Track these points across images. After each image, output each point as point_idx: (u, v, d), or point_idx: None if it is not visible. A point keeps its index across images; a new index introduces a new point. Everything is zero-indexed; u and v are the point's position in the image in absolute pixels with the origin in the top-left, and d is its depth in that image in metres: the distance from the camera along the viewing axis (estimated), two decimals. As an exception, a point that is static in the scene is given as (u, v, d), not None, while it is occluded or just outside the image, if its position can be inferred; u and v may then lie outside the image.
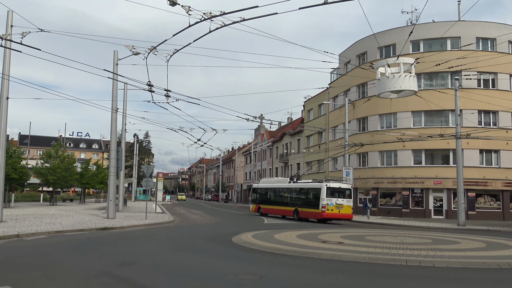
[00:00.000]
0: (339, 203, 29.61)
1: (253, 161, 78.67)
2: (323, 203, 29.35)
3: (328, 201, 29.33)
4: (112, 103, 24.88)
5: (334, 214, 29.47)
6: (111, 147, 25.01)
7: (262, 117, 25.65)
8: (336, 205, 29.55)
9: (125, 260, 10.64)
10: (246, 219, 31.25)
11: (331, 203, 29.37)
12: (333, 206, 29.42)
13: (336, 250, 12.53)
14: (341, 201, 29.69)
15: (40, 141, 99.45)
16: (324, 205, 29.31)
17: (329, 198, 29.45)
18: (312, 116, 54.83)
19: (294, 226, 24.86)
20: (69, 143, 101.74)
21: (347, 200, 29.90)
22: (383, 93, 17.13)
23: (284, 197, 34.33)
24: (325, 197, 29.37)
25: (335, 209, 29.43)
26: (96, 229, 18.72)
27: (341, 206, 29.60)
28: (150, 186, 27.15)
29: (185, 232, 19.18)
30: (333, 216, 29.55)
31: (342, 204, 29.65)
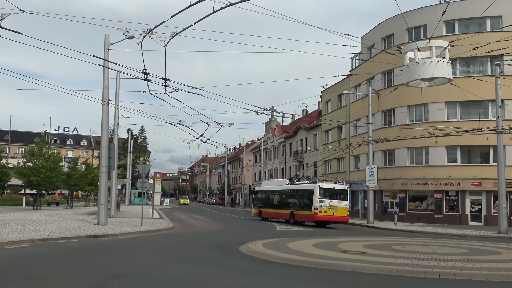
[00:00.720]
0: (333, 205, 31.61)
1: (263, 160, 78.70)
2: (315, 205, 31.37)
3: (321, 203, 31.34)
4: (103, 93, 25.00)
5: (327, 216, 31.43)
6: (102, 144, 25.15)
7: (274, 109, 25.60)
8: (330, 207, 31.56)
9: (118, 272, 10.69)
10: (255, 226, 31.28)
11: (324, 204, 31.38)
12: (326, 208, 31.42)
13: (359, 261, 12.49)
14: (336, 202, 31.65)
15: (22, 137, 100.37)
16: (317, 207, 31.30)
17: (322, 200, 31.43)
18: (331, 108, 54.67)
19: (310, 233, 24.84)
20: (55, 140, 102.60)
21: (342, 202, 31.83)
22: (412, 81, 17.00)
23: (282, 200, 36.69)
24: (318, 198, 31.39)
25: (329, 211, 31.40)
26: (85, 237, 18.85)
27: (336, 208, 31.60)
28: (146, 188, 27.24)
29: (186, 240, 19.24)
30: (327, 218, 31.49)
31: (337, 206, 31.64)
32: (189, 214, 45.84)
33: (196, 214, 47.60)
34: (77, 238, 18.46)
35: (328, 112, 54.91)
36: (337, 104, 52.79)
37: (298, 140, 64.46)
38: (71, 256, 13.29)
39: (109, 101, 25.34)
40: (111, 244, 16.74)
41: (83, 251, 14.50)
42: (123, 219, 30.32)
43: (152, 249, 15.35)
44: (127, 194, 65.64)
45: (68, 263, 11.87)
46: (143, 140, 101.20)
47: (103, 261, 12.35)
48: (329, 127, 52.21)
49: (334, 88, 53.25)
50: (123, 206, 55.42)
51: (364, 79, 45.64)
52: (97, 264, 11.85)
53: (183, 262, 12.71)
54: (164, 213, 44.37)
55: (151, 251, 14.91)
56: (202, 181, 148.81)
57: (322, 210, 31.43)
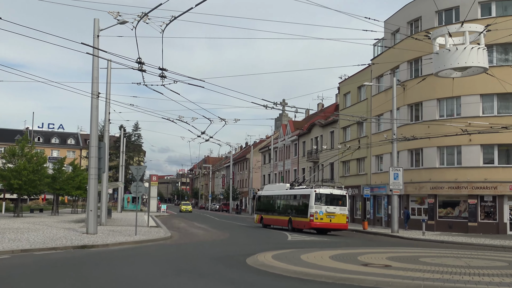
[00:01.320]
0: (330, 211, 33.47)
1: (273, 160, 78.69)
2: (311, 211, 33.28)
3: (317, 209, 33.24)
4: (92, 86, 25.09)
5: (324, 223, 33.39)
6: (91, 143, 25.26)
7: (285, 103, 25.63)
8: (327, 213, 33.40)
9: (110, 287, 10.74)
10: (263, 235, 31.32)
11: (321, 211, 33.29)
12: (323, 214, 33.28)
13: (382, 275, 12.47)
14: (333, 209, 33.57)
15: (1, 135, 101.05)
16: (313, 213, 33.21)
17: (318, 206, 33.36)
18: (350, 101, 54.57)
19: (327, 244, 24.83)
20: (38, 138, 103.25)
21: (340, 208, 33.72)
22: (442, 71, 16.93)
23: (281, 206, 38.90)
24: (314, 204, 33.30)
25: (326, 218, 33.33)
26: (72, 247, 18.94)
27: (333, 214, 33.49)
28: (141, 193, 27.32)
29: (186, 251, 19.29)
30: (323, 226, 33.46)
31: (334, 212, 33.54)
32: (189, 222, 45.96)
33: (197, 221, 47.72)
34: (63, 248, 18.56)
35: (347, 106, 54.79)
36: (356, 97, 52.68)
37: (312, 138, 64.43)
38: (56, 269, 13.36)
39: (99, 94, 25.44)
40: (102, 256, 16.81)
41: (70, 263, 14.57)
42: (115, 228, 30.44)
43: (148, 261, 15.40)
44: (120, 199, 65.95)
45: (53, 277, 11.94)
46: (137, 139, 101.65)
47: (93, 275, 12.41)
48: (348, 123, 52.13)
49: (353, 79, 53.14)
50: (115, 212, 55.64)
51: (388, 68, 45.49)
52: (86, 278, 11.91)
53: (183, 275, 12.75)
54: (161, 220, 44.51)
55: (146, 263, 14.96)
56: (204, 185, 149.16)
57: (318, 217, 33.18)
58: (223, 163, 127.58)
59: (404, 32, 43.17)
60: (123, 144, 66.17)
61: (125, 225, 33.35)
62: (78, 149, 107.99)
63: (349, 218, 35.65)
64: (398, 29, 43.82)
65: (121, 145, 66.50)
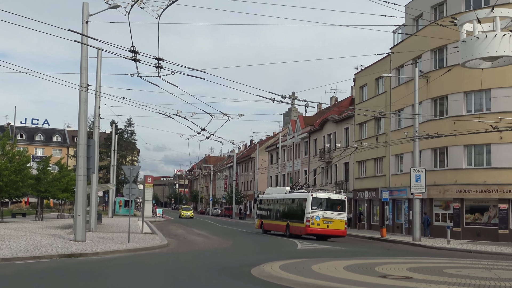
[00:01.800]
0: (327, 217, 35.33)
1: (281, 160, 78.73)
2: (307, 216, 35.13)
3: (313, 214, 35.09)
4: (81, 77, 25.14)
5: (320, 229, 35.24)
6: (79, 140, 25.31)
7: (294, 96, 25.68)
8: (324, 218, 35.25)
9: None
10: (271, 243, 31.35)
11: (317, 216, 35.10)
12: (319, 220, 35.12)
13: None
14: (330, 214, 35.44)
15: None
16: (309, 219, 35.06)
17: (315, 211, 35.21)
18: (367, 95, 54.45)
19: (341, 253, 24.82)
20: (21, 135, 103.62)
21: (338, 214, 35.56)
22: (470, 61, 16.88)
23: (280, 210, 40.87)
24: (310, 209, 35.18)
25: (323, 224, 35.14)
26: (58, 256, 19.00)
27: (331, 220, 35.36)
28: (135, 196, 27.36)
29: (185, 261, 19.31)
30: (319, 232, 35.36)
31: (332, 218, 35.39)
32: (188, 228, 46.03)
33: (196, 228, 47.79)
34: (48, 257, 18.61)
35: (363, 100, 54.65)
36: (374, 90, 52.55)
37: (325, 135, 64.37)
38: (41, 281, 13.40)
39: (88, 87, 25.48)
40: (91, 266, 16.86)
41: (57, 274, 14.61)
42: (105, 234, 30.51)
43: (142, 272, 15.44)
44: (111, 203, 66.15)
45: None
46: (130, 136, 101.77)
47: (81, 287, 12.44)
48: (365, 119, 52.02)
49: (370, 70, 53.01)
50: (106, 217, 55.78)
51: (409, 58, 45.35)
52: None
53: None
54: (156, 226, 44.59)
55: (141, 274, 15.00)
56: (204, 187, 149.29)
57: (315, 223, 35.00)
58: (226, 163, 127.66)
59: (427, 18, 43.05)
60: (115, 142, 66.29)
61: (117, 232, 33.41)
62: (65, 147, 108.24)
63: (347, 224, 37.43)
64: (420, 14, 43.68)
65: (112, 142, 66.60)
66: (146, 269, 16.17)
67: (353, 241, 37.07)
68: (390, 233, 44.56)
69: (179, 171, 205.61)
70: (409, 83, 44.00)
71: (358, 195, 54.14)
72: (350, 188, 55.69)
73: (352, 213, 54.66)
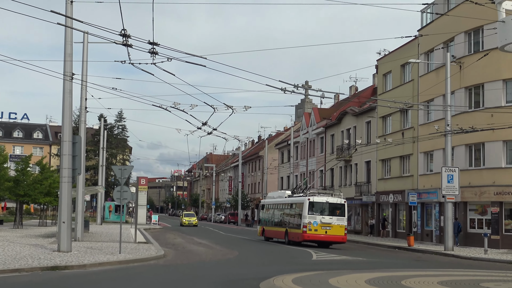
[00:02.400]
0: (325, 222, 36.88)
1: (293, 159, 78.64)
2: (304, 222, 36.74)
3: (310, 219, 36.64)
4: (65, 64, 25.16)
5: (318, 235, 36.89)
6: (63, 137, 25.34)
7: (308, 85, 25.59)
8: (322, 224, 36.79)
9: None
10: (282, 253, 31.35)
11: (315, 221, 36.65)
12: (317, 225, 36.65)
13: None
14: (329, 219, 37.03)
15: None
16: (306, 224, 36.62)
17: (312, 216, 36.83)
18: (391, 83, 54.29)
19: (362, 264, 24.77)
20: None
21: (337, 219, 37.23)
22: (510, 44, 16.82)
23: (279, 216, 42.95)
24: (307, 214, 36.84)
25: (320, 229, 36.73)
26: (40, 269, 19.01)
27: (329, 225, 36.91)
28: (126, 200, 27.37)
29: (184, 274, 19.33)
30: (317, 238, 37.05)
31: (330, 223, 36.97)
32: (187, 237, 46.08)
33: (197, 236, 47.84)
34: (29, 270, 18.63)
35: (387, 90, 54.51)
36: (400, 78, 52.39)
37: (343, 130, 64.27)
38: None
39: (73, 76, 25.51)
40: (78, 280, 16.89)
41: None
42: (93, 244, 30.55)
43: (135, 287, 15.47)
44: (99, 208, 66.21)
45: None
46: (121, 131, 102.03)
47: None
48: (389, 111, 51.87)
49: (395, 55, 52.87)
50: (94, 225, 55.85)
51: (440, 41, 45.20)
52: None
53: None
54: (152, 235, 44.65)
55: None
56: (206, 190, 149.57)
57: (312, 228, 36.60)
58: (230, 162, 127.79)
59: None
60: (104, 139, 66.34)
61: (107, 241, 33.45)
62: (47, 144, 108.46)
63: (347, 229, 38.86)
64: (453, -10, 43.57)
65: (101, 139, 66.65)
66: (140, 284, 16.20)
67: (376, 251, 37.04)
68: (419, 241, 44.49)
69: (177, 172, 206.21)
70: (439, 70, 43.85)
71: (381, 198, 54.05)
72: (372, 191, 55.64)
73: (375, 219, 54.63)
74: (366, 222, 57.26)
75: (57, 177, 43.82)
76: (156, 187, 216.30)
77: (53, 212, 62.48)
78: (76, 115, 65.75)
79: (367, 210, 58.18)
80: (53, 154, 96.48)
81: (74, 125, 43.94)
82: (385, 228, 52.18)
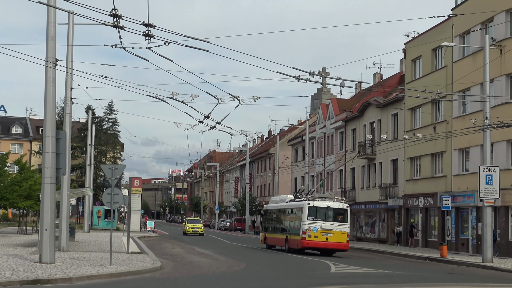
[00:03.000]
0: (326, 228, 39.00)
1: (309, 157, 78.61)
2: (303, 228, 38.87)
3: (310, 225, 38.86)
4: (47, 49, 25.16)
5: (318, 242, 39.13)
6: (45, 132, 25.35)
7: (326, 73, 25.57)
8: (322, 230, 38.92)
9: None
10: (296, 264, 31.39)
11: (315, 228, 38.81)
12: (317, 231, 38.78)
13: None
14: (330, 225, 39.18)
15: None
16: (305, 230, 38.71)
17: (312, 222, 39.06)
18: (421, 70, 54.16)
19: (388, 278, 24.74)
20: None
21: (339, 225, 39.47)
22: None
23: (280, 222, 45.85)
24: (307, 219, 39.04)
25: (321, 236, 38.86)
26: (20, 283, 19.04)
27: (330, 232, 39.07)
28: (118, 204, 27.39)
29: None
30: (317, 245, 39.41)
31: (332, 229, 39.12)
32: (187, 246, 46.13)
33: (198, 246, 47.89)
34: (6, 284, 18.66)
35: (416, 78, 54.37)
36: (431, 64, 52.24)
37: (366, 123, 64.16)
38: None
39: (56, 62, 25.52)
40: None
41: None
42: (80, 254, 30.58)
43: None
44: (87, 213, 66.38)
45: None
46: (112, 125, 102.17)
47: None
48: (418, 102, 51.70)
49: (426, 38, 52.71)
50: (81, 232, 56.00)
51: (477, 22, 45.07)
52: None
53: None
54: (146, 244, 44.73)
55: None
56: (209, 192, 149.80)
57: (312, 235, 38.72)
58: (236, 160, 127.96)
59: (501, -32, 42.81)
60: (92, 134, 66.45)
61: (95, 251, 33.49)
62: (27, 140, 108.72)
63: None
64: (492, -37, 43.46)
65: (88, 134, 66.75)
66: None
67: (404, 262, 37.01)
68: (453, 251, 44.43)
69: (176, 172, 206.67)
70: (477, 55, 43.74)
71: (410, 202, 53.92)
72: (399, 193, 55.56)
73: (403, 226, 54.50)
74: (392, 230, 57.15)
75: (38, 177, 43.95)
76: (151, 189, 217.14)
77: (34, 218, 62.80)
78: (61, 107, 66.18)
79: (393, 216, 58.07)
80: (34, 151, 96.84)
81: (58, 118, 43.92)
82: (413, 236, 51.95)
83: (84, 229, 62.08)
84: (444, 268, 33.40)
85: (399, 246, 52.45)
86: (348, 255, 39.45)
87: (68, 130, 33.35)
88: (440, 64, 51.12)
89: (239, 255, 37.78)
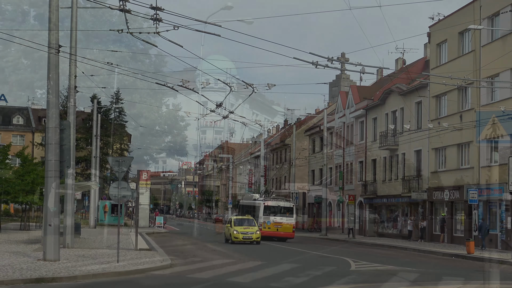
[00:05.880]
0: (277, 221, 54.50)
1: (327, 148, 78.38)
2: (260, 221, 53.26)
3: (265, 219, 54.24)
4: (50, 34, 25.23)
5: (271, 232, 54.13)
6: (48, 123, 25.43)
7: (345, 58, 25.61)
8: (274, 223, 54.30)
9: None
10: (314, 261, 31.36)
11: (268, 221, 54.19)
12: (270, 224, 54.13)
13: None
14: (280, 219, 54.77)
15: None
16: (261, 223, 53.21)
17: (267, 217, 54.45)
18: (446, 55, 53.91)
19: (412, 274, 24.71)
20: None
21: (287, 218, 55.27)
22: None
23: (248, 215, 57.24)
24: (263, 215, 54.42)
25: (273, 227, 54.23)
26: (23, 281, 19.14)
27: (280, 224, 54.51)
28: (125, 199, 27.48)
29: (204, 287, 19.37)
30: (271, 234, 53.73)
31: (281, 222, 54.69)
32: (199, 243, 46.19)
33: (209, 242, 47.98)
34: (9, 283, 18.77)
35: (442, 63, 54.12)
36: (457, 48, 51.99)
37: (388, 112, 63.92)
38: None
39: (60, 48, 25.59)
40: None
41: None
42: (86, 251, 30.74)
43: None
44: (93, 208, 66.50)
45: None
46: (118, 115, 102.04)
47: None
48: (444, 89, 51.49)
49: (452, 21, 52.47)
50: (86, 228, 56.14)
51: (507, 3, 44.85)
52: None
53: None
54: (156, 240, 44.83)
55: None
56: (221, 185, 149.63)
57: (266, 226, 53.77)
58: (250, 152, 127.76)
59: None
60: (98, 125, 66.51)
61: (102, 248, 33.63)
62: (29, 131, 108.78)
63: (295, 227, 56.80)
64: None
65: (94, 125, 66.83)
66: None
67: (428, 259, 36.91)
68: (480, 248, 44.29)
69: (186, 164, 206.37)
70: (506, 38, 43.58)
71: (434, 195, 53.71)
72: (423, 186, 55.31)
73: (427, 221, 54.22)
74: (416, 225, 56.93)
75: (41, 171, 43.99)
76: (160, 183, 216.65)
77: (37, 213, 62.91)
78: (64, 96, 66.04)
79: (417, 210, 57.83)
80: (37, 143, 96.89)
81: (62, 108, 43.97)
82: (444, 231, 51.43)
83: (90, 224, 62.22)
84: (471, 265, 33.23)
85: (423, 242, 52.29)
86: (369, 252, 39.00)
87: (73, 120, 33.43)
88: (467, 48, 50.83)
89: (254, 252, 37.63)
